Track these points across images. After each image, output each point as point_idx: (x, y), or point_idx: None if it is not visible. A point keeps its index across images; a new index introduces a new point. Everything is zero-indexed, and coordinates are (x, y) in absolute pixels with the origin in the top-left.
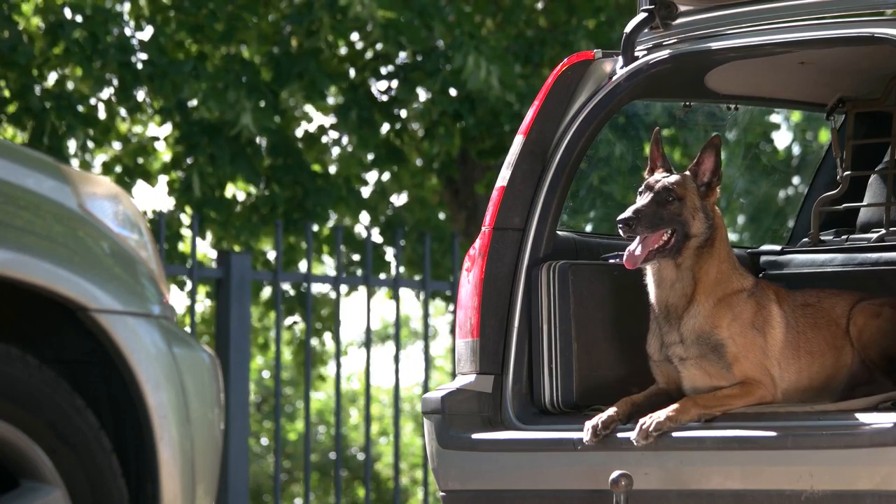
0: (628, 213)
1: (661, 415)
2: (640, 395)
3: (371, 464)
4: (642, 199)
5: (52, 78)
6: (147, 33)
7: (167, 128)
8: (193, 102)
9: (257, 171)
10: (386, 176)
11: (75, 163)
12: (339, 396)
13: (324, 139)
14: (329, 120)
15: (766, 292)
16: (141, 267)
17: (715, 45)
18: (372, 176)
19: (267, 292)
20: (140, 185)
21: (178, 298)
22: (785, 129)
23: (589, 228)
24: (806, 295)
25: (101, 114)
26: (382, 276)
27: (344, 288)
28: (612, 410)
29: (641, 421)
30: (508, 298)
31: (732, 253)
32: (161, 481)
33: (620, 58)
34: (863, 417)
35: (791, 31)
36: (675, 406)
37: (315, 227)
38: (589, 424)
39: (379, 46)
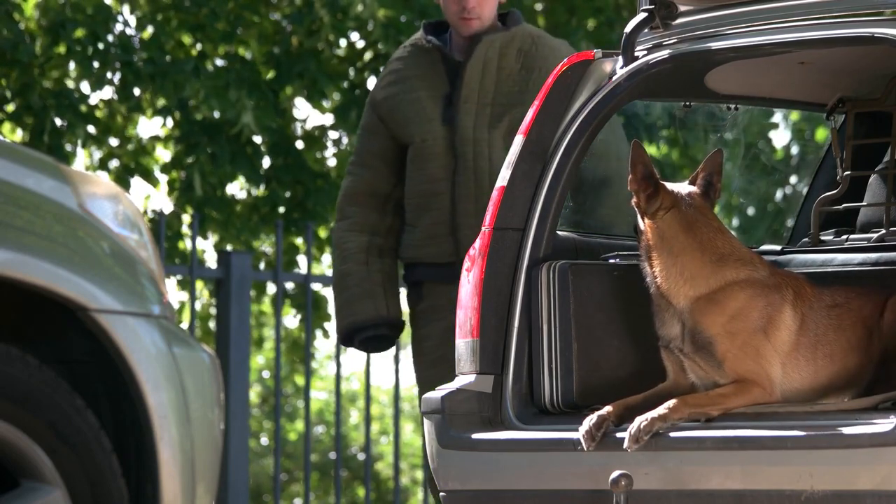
0: None
1: (647, 416)
2: (635, 398)
3: (371, 464)
4: None
5: (53, 76)
6: (147, 33)
7: (166, 126)
8: (193, 102)
9: (258, 171)
10: None
11: (78, 163)
12: (339, 396)
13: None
14: (328, 119)
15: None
16: (141, 267)
17: (715, 45)
18: None
19: (271, 289)
20: (139, 184)
21: (176, 295)
22: (783, 128)
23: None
24: (833, 292)
25: (99, 106)
26: None
27: None
28: (602, 411)
29: (630, 427)
30: (508, 298)
31: None
32: (161, 481)
33: (620, 58)
34: (863, 417)
35: (791, 31)
36: (665, 405)
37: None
38: (582, 431)
39: (379, 46)
